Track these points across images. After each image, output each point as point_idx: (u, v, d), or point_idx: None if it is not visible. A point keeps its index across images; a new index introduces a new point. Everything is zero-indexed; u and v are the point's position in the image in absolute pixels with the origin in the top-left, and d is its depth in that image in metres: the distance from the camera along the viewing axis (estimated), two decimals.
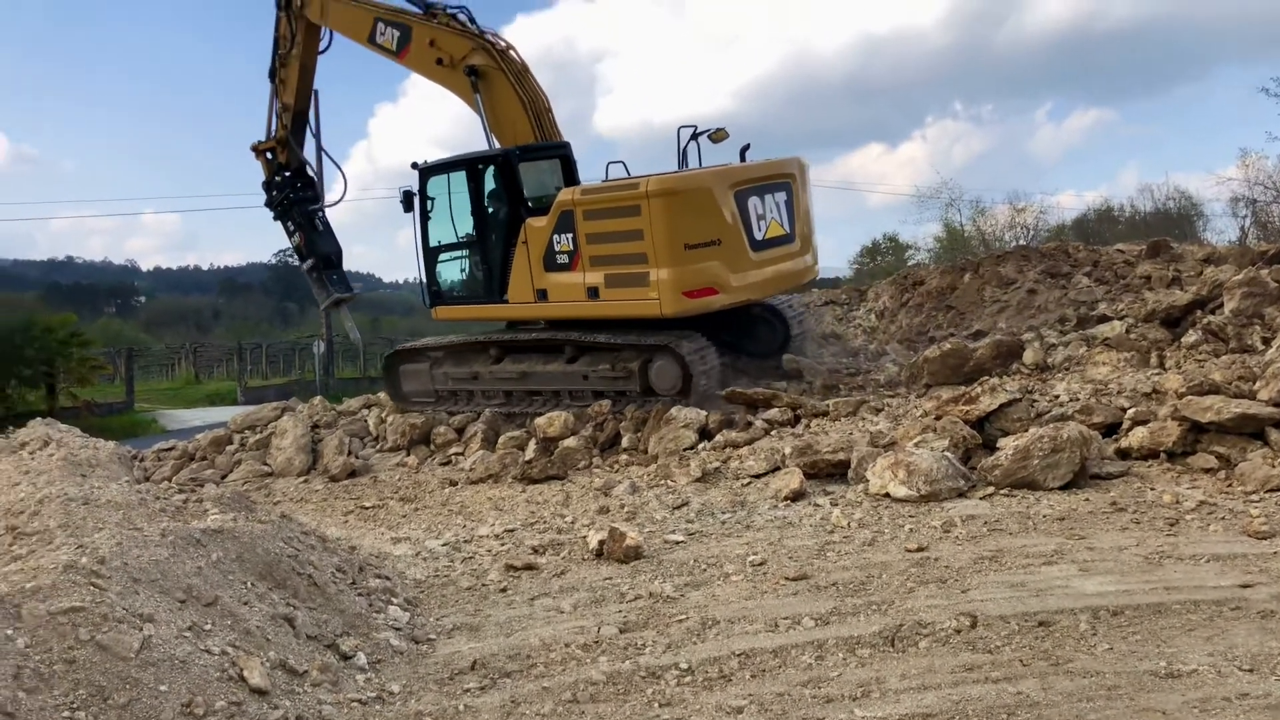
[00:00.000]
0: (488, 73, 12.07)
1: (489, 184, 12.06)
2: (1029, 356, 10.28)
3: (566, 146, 12.49)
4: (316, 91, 14.54)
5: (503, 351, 12.11)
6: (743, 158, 11.77)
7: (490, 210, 12.09)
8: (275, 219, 14.93)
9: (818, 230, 12.90)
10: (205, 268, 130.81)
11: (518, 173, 11.75)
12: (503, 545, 7.13)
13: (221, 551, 4.96)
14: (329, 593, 5.26)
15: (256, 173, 14.94)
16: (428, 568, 6.68)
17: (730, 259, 10.79)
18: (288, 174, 14.70)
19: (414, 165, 12.35)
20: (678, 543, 6.65)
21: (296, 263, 16.01)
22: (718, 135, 11.80)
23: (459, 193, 12.22)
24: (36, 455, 8.50)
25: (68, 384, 32.81)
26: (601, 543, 6.46)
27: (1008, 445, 7.30)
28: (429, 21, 12.42)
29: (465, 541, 7.37)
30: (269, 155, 14.72)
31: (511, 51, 12.29)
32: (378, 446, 12.15)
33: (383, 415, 12.63)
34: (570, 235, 11.04)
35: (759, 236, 11.16)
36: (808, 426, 9.47)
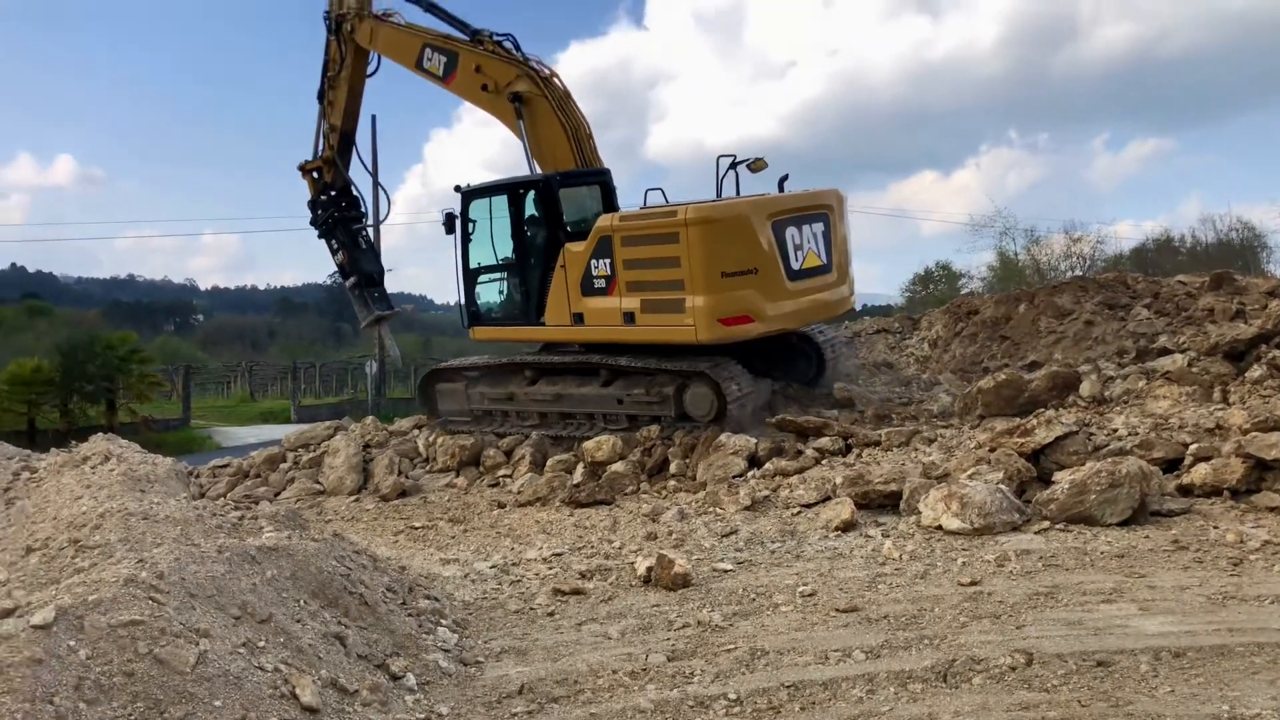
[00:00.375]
0: (531, 99, 12.25)
1: (529, 208, 12.22)
2: (1086, 389, 10.10)
3: (606, 173, 12.63)
4: (374, 116, 14.96)
5: (538, 373, 12.21)
6: (781, 188, 11.80)
7: (530, 234, 12.25)
8: (320, 237, 15.28)
9: (870, 256, 13.05)
10: (262, 287, 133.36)
11: (558, 198, 11.89)
12: (550, 569, 7.14)
13: (276, 569, 5.02)
14: (379, 612, 5.29)
15: None
16: (476, 590, 6.70)
17: (767, 288, 10.81)
18: (333, 193, 15.03)
19: (456, 188, 12.57)
20: (726, 571, 6.61)
21: (339, 280, 16.30)
22: (757, 165, 11.82)
23: (500, 216, 12.40)
24: (98, 470, 8.67)
25: (127, 400, 33.58)
26: (650, 569, 6.44)
27: (1064, 479, 7.17)
28: (475, 48, 12.66)
29: (513, 564, 7.40)
30: (315, 174, 15.07)
31: (555, 79, 12.48)
32: (427, 467, 12.26)
33: (432, 437, 12.75)
34: (608, 260, 11.15)
35: (796, 266, 11.18)
36: (859, 456, 9.38)
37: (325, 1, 14.36)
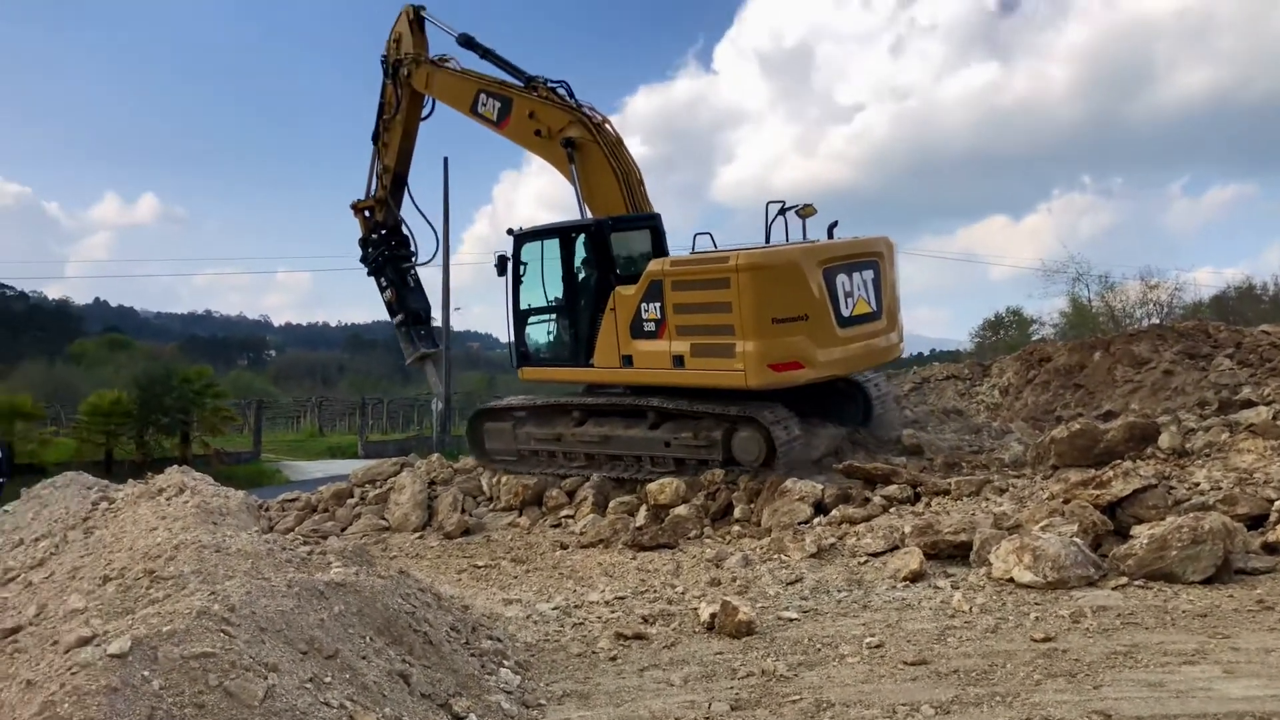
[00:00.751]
0: (584, 145, 12.41)
1: (580, 252, 12.33)
2: (1165, 440, 9.80)
3: (657, 218, 12.71)
4: (446, 159, 15.26)
5: (586, 414, 12.24)
6: (830, 235, 11.78)
7: (581, 277, 12.35)
8: (369, 274, 15.58)
9: (938, 300, 12.92)
10: (333, 324, 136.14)
11: (609, 242, 12.00)
12: (613, 612, 7.10)
13: (343, 605, 5.06)
14: (443, 651, 5.31)
15: None
16: (538, 631, 6.69)
17: (817, 334, 10.77)
18: (383, 231, 15.33)
19: (509, 231, 12.74)
20: (791, 620, 6.51)
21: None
22: (806, 211, 11.81)
23: (551, 259, 12.54)
24: (173, 501, 8.85)
25: (200, 433, 34.39)
26: (713, 616, 6.37)
27: (1143, 534, 6.95)
28: (529, 94, 12.87)
29: (576, 606, 7.37)
30: (367, 213, 15.39)
31: (607, 125, 12.65)
32: (491, 506, 12.32)
33: (495, 476, 12.82)
34: (658, 304, 11.21)
35: (846, 313, 11.14)
36: (928, 505, 9.21)
37: (383, 45, 14.79)
